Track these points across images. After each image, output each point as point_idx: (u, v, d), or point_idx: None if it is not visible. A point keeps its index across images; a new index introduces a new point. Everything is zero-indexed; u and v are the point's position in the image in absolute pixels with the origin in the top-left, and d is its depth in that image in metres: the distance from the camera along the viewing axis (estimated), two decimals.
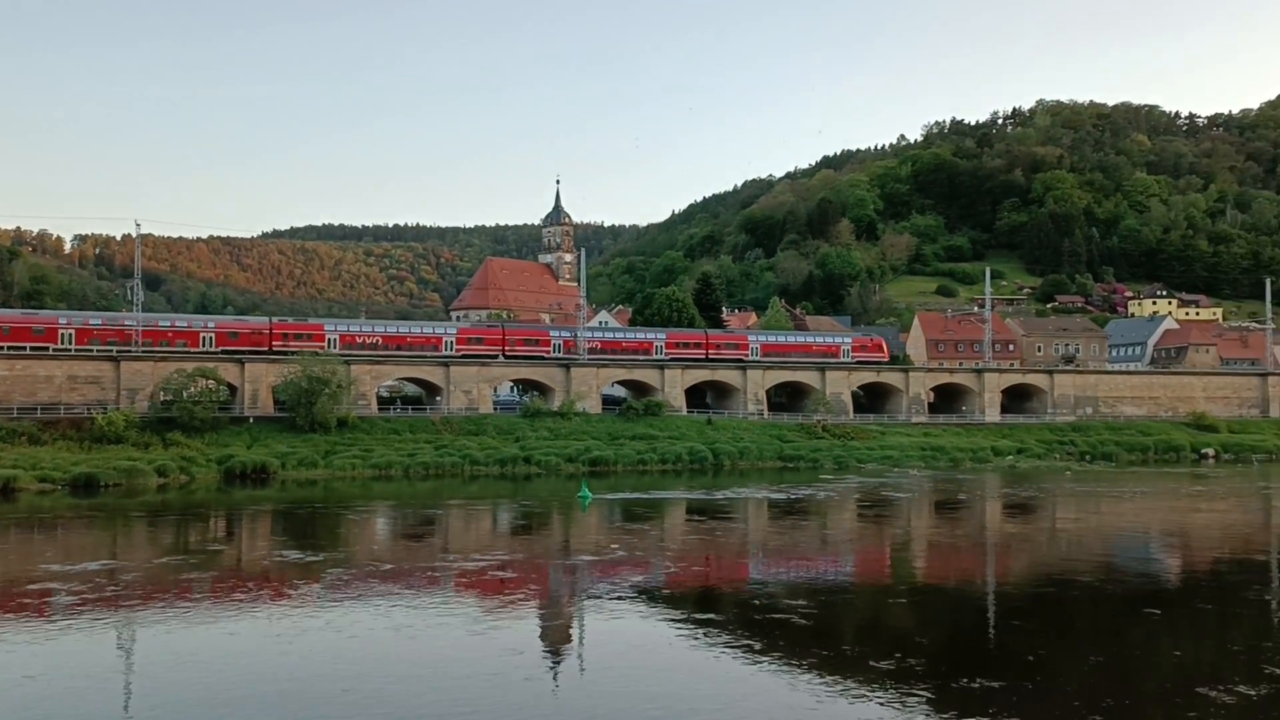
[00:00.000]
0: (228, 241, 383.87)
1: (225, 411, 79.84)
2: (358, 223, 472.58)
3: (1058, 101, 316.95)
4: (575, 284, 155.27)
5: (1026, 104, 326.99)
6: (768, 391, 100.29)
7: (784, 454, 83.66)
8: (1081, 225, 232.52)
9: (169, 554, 38.25)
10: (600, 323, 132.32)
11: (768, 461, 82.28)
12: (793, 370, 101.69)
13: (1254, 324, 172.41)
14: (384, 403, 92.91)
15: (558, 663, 23.22)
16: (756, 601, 29.74)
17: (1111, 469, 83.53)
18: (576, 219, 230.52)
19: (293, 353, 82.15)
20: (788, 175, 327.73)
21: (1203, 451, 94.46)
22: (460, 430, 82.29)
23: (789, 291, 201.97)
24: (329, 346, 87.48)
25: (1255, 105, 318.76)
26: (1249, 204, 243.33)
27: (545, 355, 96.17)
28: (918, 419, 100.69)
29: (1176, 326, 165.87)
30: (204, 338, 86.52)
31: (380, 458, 73.50)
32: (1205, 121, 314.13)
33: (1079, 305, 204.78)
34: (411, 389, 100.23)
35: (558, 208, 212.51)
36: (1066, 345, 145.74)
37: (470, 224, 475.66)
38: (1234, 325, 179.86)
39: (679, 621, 26.71)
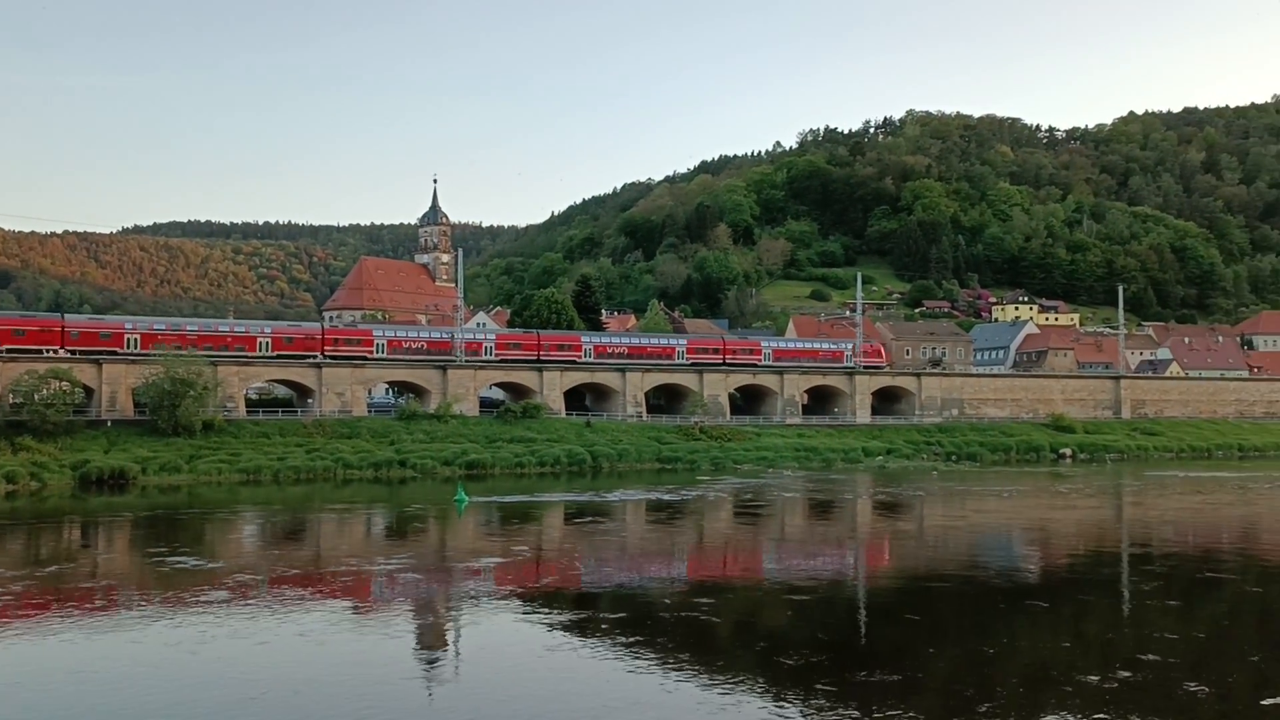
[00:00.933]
0: (84, 237, 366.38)
1: (81, 415, 76.27)
2: (226, 219, 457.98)
3: (927, 112, 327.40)
4: (453, 285, 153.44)
5: (897, 114, 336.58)
6: (646, 394, 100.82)
7: (662, 456, 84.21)
8: (948, 233, 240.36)
9: (19, 566, 36.27)
10: (478, 324, 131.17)
11: (646, 463, 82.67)
12: (670, 373, 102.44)
13: (1108, 329, 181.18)
14: (253, 405, 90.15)
15: (434, 667, 22.81)
16: (635, 602, 29.80)
17: (976, 469, 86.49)
18: (454, 219, 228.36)
19: (154, 355, 78.83)
20: (666, 179, 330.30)
21: (1061, 451, 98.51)
22: (333, 433, 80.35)
23: (668, 294, 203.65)
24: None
25: (1109, 120, 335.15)
26: (1104, 214, 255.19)
27: (421, 358, 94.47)
28: (792, 420, 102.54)
29: (1037, 331, 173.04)
30: (261, 342, 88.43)
31: (248, 462, 71.19)
32: (1064, 135, 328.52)
33: (946, 310, 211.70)
34: (282, 391, 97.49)
35: (435, 207, 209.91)
36: (934, 349, 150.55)
37: (345, 222, 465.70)
38: (1090, 330, 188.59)
39: (558, 624, 26.55)
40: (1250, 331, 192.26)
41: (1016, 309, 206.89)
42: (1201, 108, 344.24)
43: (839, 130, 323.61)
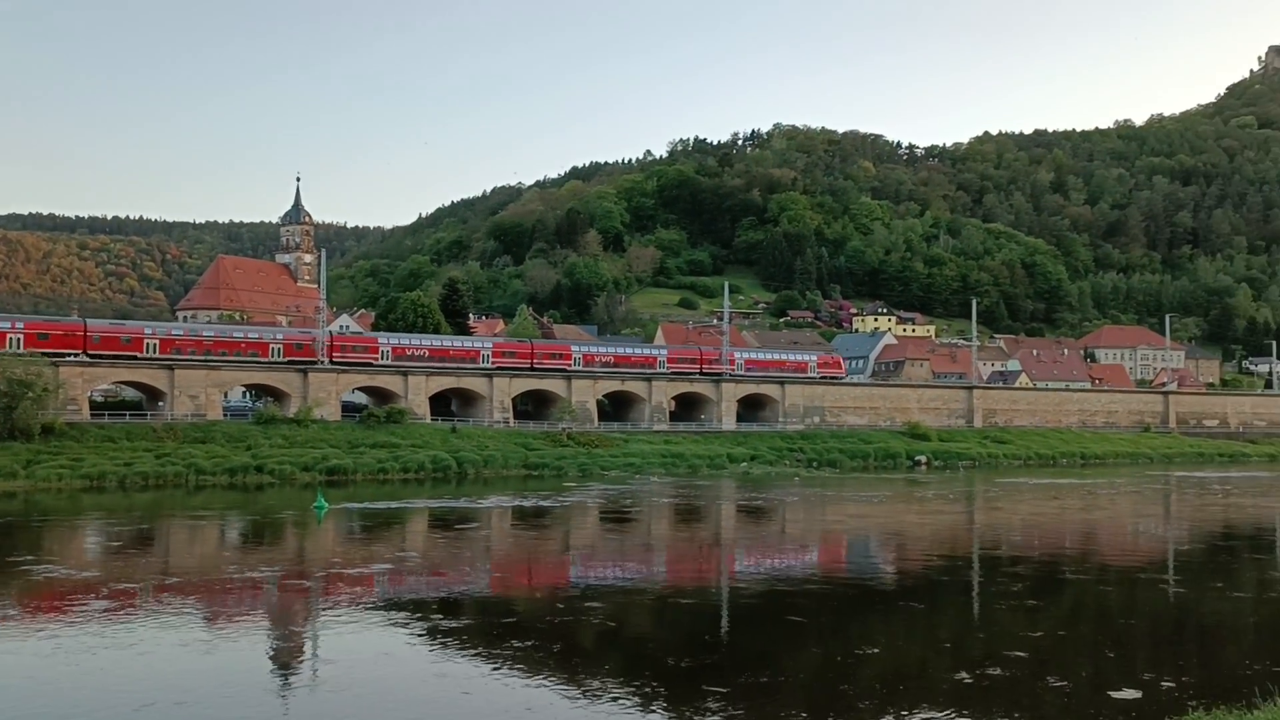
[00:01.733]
0: None
1: None
2: (71, 213, 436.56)
3: (793, 126, 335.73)
4: (315, 286, 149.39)
5: (765, 127, 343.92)
6: (514, 399, 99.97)
7: (529, 462, 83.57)
8: (812, 245, 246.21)
9: None
10: (342, 326, 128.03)
11: (513, 469, 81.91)
12: (539, 378, 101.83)
13: (962, 341, 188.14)
14: (98, 408, 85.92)
15: (292, 677, 21.93)
16: (500, 609, 29.35)
17: (836, 475, 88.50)
18: (318, 218, 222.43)
19: None
20: (537, 184, 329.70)
21: (916, 458, 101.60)
22: (185, 438, 77.10)
23: (537, 300, 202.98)
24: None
25: (965, 140, 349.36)
26: (959, 230, 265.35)
27: (269, 361, 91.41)
28: (659, 427, 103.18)
29: (895, 342, 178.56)
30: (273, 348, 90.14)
31: (92, 467, 67.64)
32: (923, 153, 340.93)
33: (809, 320, 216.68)
34: (131, 394, 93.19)
35: (297, 206, 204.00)
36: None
37: (201, 219, 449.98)
38: (945, 342, 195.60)
39: (420, 632, 25.92)
40: (1093, 345, 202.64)
41: (876, 320, 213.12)
42: (1051, 130, 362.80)
43: (708, 141, 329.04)
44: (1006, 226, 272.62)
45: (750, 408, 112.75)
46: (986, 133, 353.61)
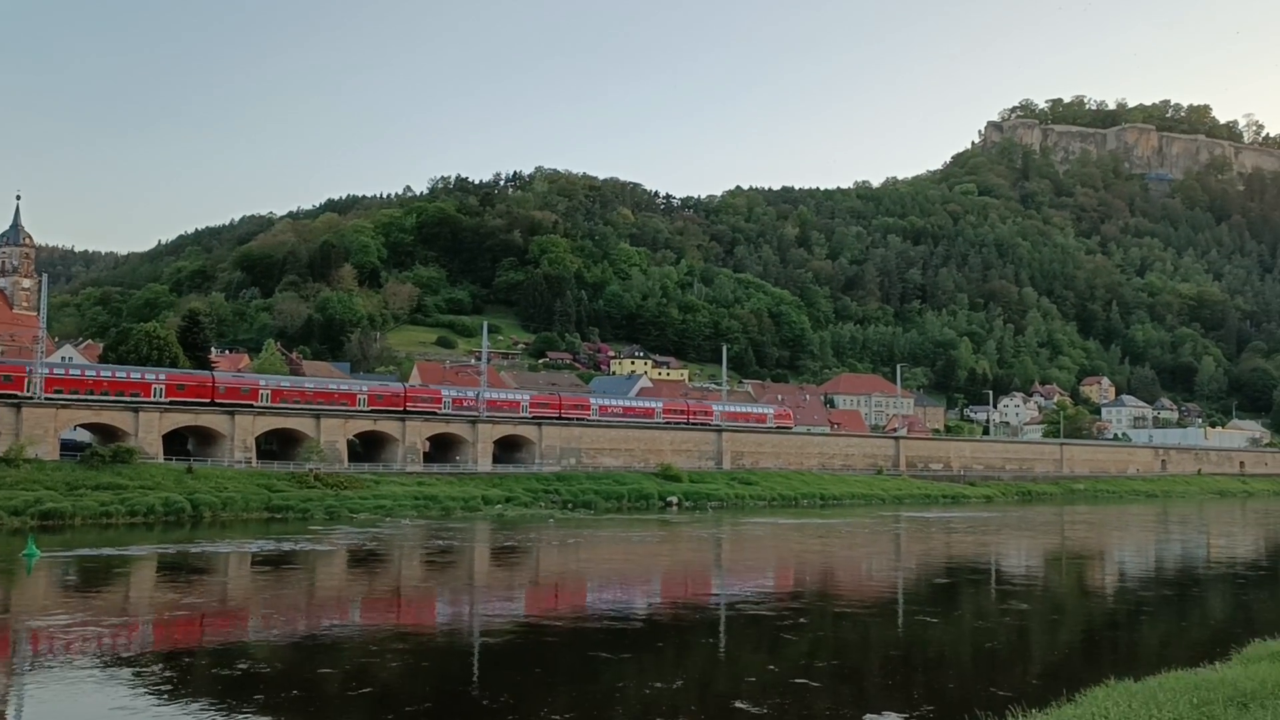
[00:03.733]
0: None
1: None
2: None
3: (555, 170, 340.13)
4: (34, 313, 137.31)
5: (527, 169, 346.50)
6: (258, 438, 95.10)
7: (272, 504, 79.41)
8: (572, 287, 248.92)
9: None
10: (64, 358, 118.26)
11: (254, 512, 77.55)
12: (285, 416, 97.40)
13: (713, 385, 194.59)
14: None
15: None
16: (234, 658, 27.44)
17: (591, 516, 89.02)
18: (40, 240, 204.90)
19: None
20: (290, 214, 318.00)
21: (668, 499, 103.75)
22: None
23: (286, 334, 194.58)
24: None
25: (719, 193, 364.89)
26: (712, 279, 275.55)
27: None
28: (413, 468, 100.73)
29: (650, 385, 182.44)
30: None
31: None
32: (679, 203, 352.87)
33: (568, 362, 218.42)
34: None
35: (16, 226, 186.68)
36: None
37: None
38: (697, 385, 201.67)
39: (142, 687, 23.79)
40: (832, 391, 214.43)
41: (633, 363, 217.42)
42: (797, 188, 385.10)
43: (470, 180, 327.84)
44: (755, 277, 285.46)
45: (507, 449, 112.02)
46: (739, 187, 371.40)
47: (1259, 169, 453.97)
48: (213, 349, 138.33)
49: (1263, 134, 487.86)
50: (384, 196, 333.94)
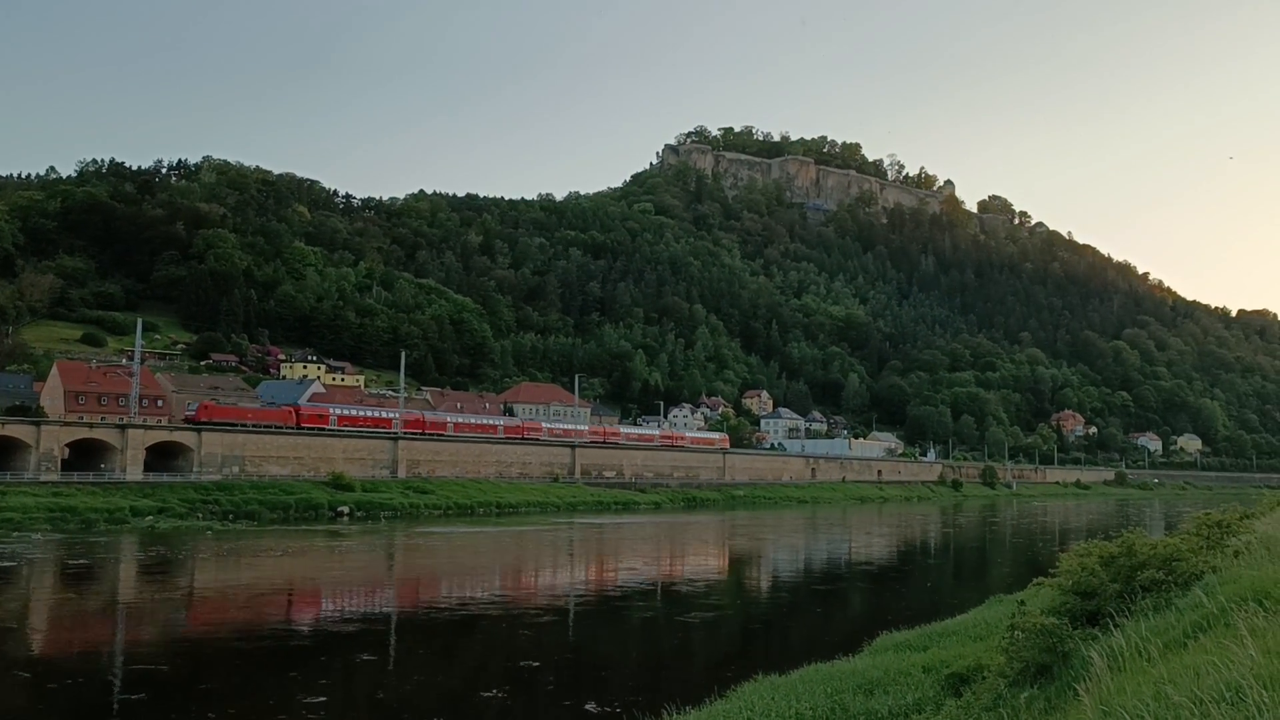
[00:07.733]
0: None
1: None
2: None
3: (225, 161, 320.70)
4: None
5: (194, 158, 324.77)
6: None
7: None
8: (241, 286, 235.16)
9: None
10: None
11: None
12: None
13: (391, 392, 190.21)
14: None
15: None
16: None
17: (254, 528, 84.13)
18: None
19: None
20: None
21: (339, 509, 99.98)
22: None
23: None
24: None
25: (401, 195, 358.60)
26: (393, 283, 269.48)
27: None
28: (48, 477, 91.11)
29: (324, 390, 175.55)
30: None
31: None
32: (360, 203, 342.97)
33: (234, 364, 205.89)
34: None
35: None
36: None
37: None
38: (374, 392, 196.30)
39: None
40: (512, 400, 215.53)
41: (305, 367, 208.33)
42: (482, 196, 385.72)
43: (127, 165, 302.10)
44: (438, 283, 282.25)
45: (162, 457, 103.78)
46: (422, 191, 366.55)
47: (900, 204, 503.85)
48: None
49: (903, 173, 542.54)
50: (22, 177, 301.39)
